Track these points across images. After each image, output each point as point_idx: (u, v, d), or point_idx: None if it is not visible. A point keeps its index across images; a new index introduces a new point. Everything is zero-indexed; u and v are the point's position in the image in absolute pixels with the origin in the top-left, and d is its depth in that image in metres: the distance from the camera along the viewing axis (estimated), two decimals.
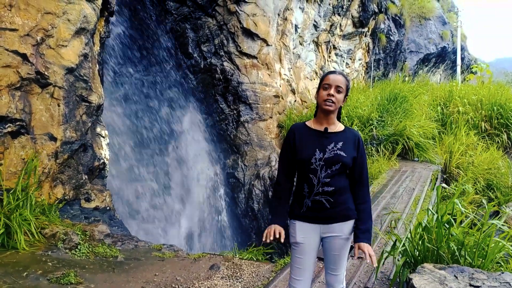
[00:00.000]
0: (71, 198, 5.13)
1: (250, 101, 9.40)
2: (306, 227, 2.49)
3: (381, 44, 18.78)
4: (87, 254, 4.36)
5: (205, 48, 9.61)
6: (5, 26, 4.27)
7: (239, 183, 9.02)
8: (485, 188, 8.47)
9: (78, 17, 5.00)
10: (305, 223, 2.49)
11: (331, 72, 2.49)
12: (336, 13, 13.83)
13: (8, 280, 3.40)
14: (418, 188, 7.48)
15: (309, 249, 2.50)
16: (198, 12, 9.49)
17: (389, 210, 6.14)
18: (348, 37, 15.78)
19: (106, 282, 3.81)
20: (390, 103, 11.20)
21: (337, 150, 2.41)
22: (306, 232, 2.49)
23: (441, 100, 13.55)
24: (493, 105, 11.82)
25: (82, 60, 5.16)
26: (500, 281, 2.88)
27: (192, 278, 4.12)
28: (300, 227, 2.50)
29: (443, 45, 24.77)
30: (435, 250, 3.47)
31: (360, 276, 3.97)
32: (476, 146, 10.07)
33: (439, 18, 25.53)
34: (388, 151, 9.87)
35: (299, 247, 2.50)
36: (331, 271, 2.54)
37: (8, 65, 4.30)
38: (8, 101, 4.31)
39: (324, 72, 2.65)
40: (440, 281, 2.92)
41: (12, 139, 4.44)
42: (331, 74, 2.45)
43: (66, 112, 4.95)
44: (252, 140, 9.31)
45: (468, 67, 28.74)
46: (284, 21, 10.82)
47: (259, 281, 4.10)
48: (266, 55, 9.81)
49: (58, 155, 4.88)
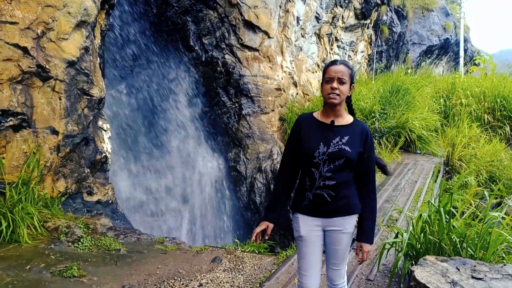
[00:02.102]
0: (74, 191, 5.14)
1: (251, 94, 9.37)
2: (308, 220, 2.48)
3: (383, 36, 18.65)
4: (90, 247, 4.38)
5: (206, 41, 9.56)
6: (5, 19, 4.26)
7: (241, 176, 9.02)
8: (487, 181, 8.46)
9: (79, 10, 4.97)
10: (307, 216, 2.48)
11: (332, 63, 2.42)
12: (338, 5, 13.72)
13: (11, 273, 3.42)
14: (420, 181, 7.47)
15: (314, 242, 2.48)
16: (199, 4, 9.42)
17: (391, 203, 6.14)
18: (350, 29, 15.68)
19: (109, 275, 3.83)
20: (393, 96, 11.15)
21: (341, 144, 2.36)
22: (309, 226, 2.47)
23: (443, 92, 13.49)
24: (496, 97, 11.75)
25: (83, 53, 5.14)
26: (502, 273, 2.87)
27: (195, 270, 4.13)
28: (303, 221, 2.49)
29: (446, 36, 24.59)
30: (437, 243, 3.47)
31: (362, 268, 3.98)
32: (478, 138, 10.04)
33: (442, 9, 25.32)
34: (391, 143, 9.85)
35: (303, 241, 2.49)
36: (332, 265, 2.53)
37: (9, 59, 4.28)
38: (9, 94, 4.30)
39: (326, 64, 2.57)
40: (442, 273, 2.91)
41: (14, 132, 4.44)
42: (333, 66, 2.39)
43: (68, 106, 4.95)
44: (254, 133, 9.29)
45: (471, 59, 28.53)
46: (285, 13, 10.74)
47: (261, 273, 4.11)
48: (268, 47, 9.76)
49: (60, 149, 4.89)
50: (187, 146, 8.92)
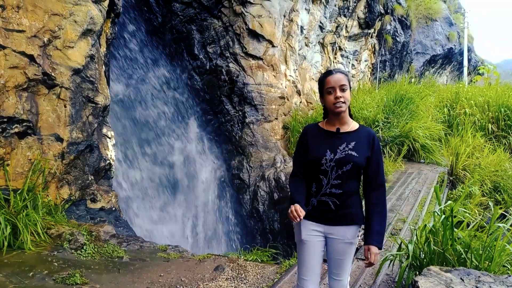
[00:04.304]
0: (77, 198, 5.16)
1: (255, 102, 9.40)
2: (310, 225, 2.48)
3: (387, 45, 18.72)
4: (93, 254, 4.38)
5: (210, 49, 9.63)
6: (12, 27, 4.31)
7: (244, 184, 9.02)
8: (492, 191, 8.40)
9: (85, 19, 5.03)
10: (310, 221, 2.48)
11: (328, 74, 2.43)
12: (342, 14, 13.79)
13: (14, 280, 3.43)
14: (424, 190, 7.43)
15: (314, 247, 2.48)
16: (204, 13, 9.51)
17: (395, 212, 6.11)
18: (354, 38, 15.74)
19: (112, 282, 3.83)
20: (396, 105, 11.15)
21: (348, 150, 2.38)
22: (310, 230, 2.48)
23: (447, 101, 13.47)
24: (500, 106, 11.72)
25: (89, 61, 5.19)
26: (507, 284, 2.85)
27: (197, 279, 4.12)
28: (305, 225, 2.49)
29: (450, 46, 24.65)
30: (441, 253, 3.45)
31: (365, 278, 3.96)
32: (483, 148, 9.99)
33: (446, 19, 25.42)
34: (394, 152, 9.82)
35: (304, 245, 2.49)
36: (334, 275, 2.52)
37: (16, 66, 4.33)
38: (15, 102, 4.34)
39: (321, 75, 2.55)
40: (446, 283, 2.89)
41: (19, 139, 4.47)
42: (330, 76, 2.40)
43: (73, 113, 4.98)
44: (257, 141, 9.31)
45: (475, 69, 28.57)
46: (289, 22, 10.81)
47: (264, 282, 4.09)
48: (272, 56, 9.81)
49: (65, 156, 4.91)
50: (190, 154, 8.93)
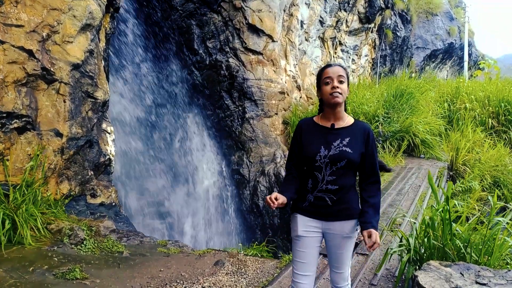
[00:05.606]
0: (77, 194, 5.15)
1: (255, 97, 9.38)
2: (307, 221, 2.47)
3: (387, 40, 18.65)
4: (93, 249, 4.38)
5: (210, 44, 9.59)
6: (11, 22, 4.29)
7: (244, 179, 9.02)
8: (492, 185, 8.41)
9: (84, 13, 5.00)
10: (306, 217, 2.48)
11: (327, 66, 2.43)
12: (342, 9, 13.74)
13: (14, 275, 3.43)
14: (424, 185, 7.43)
15: (311, 243, 2.48)
16: (203, 8, 9.47)
17: (395, 207, 6.11)
18: (354, 33, 15.69)
19: (112, 277, 3.83)
20: (396, 100, 11.13)
21: (342, 146, 2.36)
22: (307, 226, 2.47)
23: (448, 96, 13.45)
24: (500, 101, 11.71)
25: (88, 56, 5.17)
26: (507, 279, 2.85)
27: (197, 274, 4.13)
28: (301, 221, 2.48)
29: (450, 41, 24.56)
30: (440, 247, 3.45)
31: (365, 273, 3.96)
32: (483, 143, 10.00)
33: (447, 13, 25.30)
34: (394, 147, 9.82)
35: (300, 241, 2.49)
36: (335, 269, 2.52)
37: (14, 61, 4.31)
38: (14, 97, 4.33)
39: (320, 68, 2.52)
40: (446, 278, 2.89)
41: (18, 135, 4.46)
42: (329, 68, 2.40)
43: (72, 108, 4.97)
44: (257, 136, 9.30)
45: (476, 63, 28.50)
46: (289, 17, 10.77)
47: (264, 277, 4.10)
48: (272, 51, 9.77)
49: (64, 151, 4.90)
50: (190, 149, 8.93)
